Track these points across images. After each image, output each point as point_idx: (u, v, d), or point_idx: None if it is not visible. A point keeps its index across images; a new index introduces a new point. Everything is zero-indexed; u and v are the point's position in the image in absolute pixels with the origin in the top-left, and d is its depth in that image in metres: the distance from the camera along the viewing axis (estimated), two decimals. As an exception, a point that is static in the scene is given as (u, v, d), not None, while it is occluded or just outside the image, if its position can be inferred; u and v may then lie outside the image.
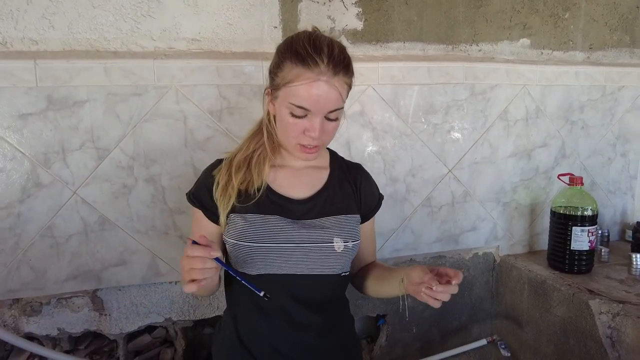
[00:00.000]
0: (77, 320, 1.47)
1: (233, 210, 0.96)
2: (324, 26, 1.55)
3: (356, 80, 1.51)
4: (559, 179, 1.78)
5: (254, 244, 0.93)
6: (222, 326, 1.08)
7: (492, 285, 1.92)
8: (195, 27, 1.42)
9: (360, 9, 1.57)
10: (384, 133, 1.62)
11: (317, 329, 0.99)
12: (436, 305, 0.89)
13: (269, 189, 0.98)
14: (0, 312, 1.40)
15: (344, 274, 1.02)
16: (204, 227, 1.00)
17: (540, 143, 1.85)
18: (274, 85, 0.92)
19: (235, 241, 0.94)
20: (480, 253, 1.88)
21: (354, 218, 1.02)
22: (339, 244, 0.96)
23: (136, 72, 1.36)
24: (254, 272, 0.95)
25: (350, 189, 1.05)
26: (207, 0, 1.41)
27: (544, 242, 1.80)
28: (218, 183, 0.96)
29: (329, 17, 1.55)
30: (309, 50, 0.85)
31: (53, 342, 1.51)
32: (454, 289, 0.88)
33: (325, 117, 0.89)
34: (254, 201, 0.95)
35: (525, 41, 1.80)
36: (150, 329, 1.61)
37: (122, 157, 1.38)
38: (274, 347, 0.98)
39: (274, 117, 0.96)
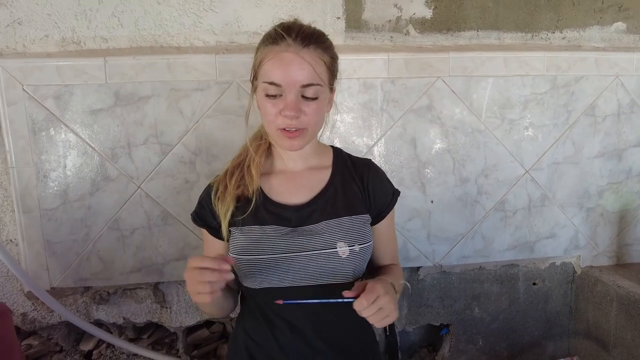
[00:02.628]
0: (140, 310, 1.51)
1: (234, 224, 0.91)
2: (390, 15, 1.45)
3: (424, 72, 1.44)
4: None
5: (251, 257, 0.88)
6: (235, 336, 1.02)
7: (571, 299, 1.73)
8: (257, 20, 1.39)
9: (429, -4, 1.46)
10: (454, 129, 1.50)
11: (331, 346, 0.91)
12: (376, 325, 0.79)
13: (265, 197, 0.92)
14: (73, 299, 1.47)
15: (357, 281, 0.92)
16: (211, 245, 0.96)
17: (635, 142, 1.63)
18: (253, 75, 0.88)
19: (235, 256, 0.90)
20: (558, 263, 1.70)
21: (360, 218, 0.92)
22: (343, 249, 0.88)
23: (198, 68, 1.35)
24: (255, 286, 0.89)
25: (357, 188, 0.95)
26: (269, -8, 1.38)
27: (636, 255, 1.59)
28: (217, 190, 0.92)
29: (395, 5, 1.45)
30: (278, 30, 0.83)
31: (119, 330, 1.57)
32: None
33: (302, 96, 0.83)
34: (250, 211, 0.90)
35: (620, 25, 1.58)
36: (208, 323, 1.62)
37: (184, 152, 1.39)
38: None
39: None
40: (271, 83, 0.82)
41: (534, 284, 1.70)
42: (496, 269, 1.64)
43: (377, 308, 0.77)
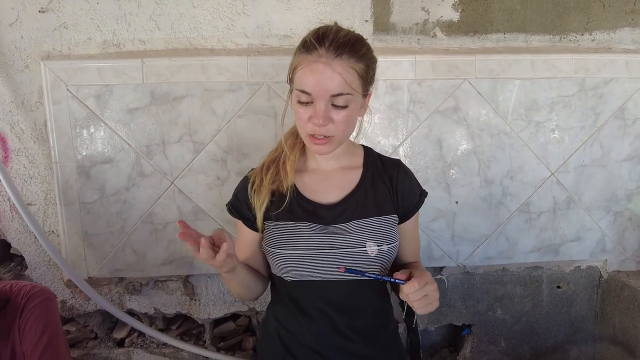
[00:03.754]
0: (170, 302, 1.58)
1: (269, 218, 0.95)
2: (417, 18, 1.48)
3: (450, 73, 1.46)
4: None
5: (285, 251, 0.92)
6: (266, 322, 1.08)
7: (597, 303, 1.71)
8: (287, 24, 1.43)
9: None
10: (480, 131, 1.51)
11: (358, 335, 0.95)
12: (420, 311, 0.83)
13: (299, 195, 0.95)
14: (108, 289, 1.54)
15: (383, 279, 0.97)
16: (245, 236, 1.01)
17: (666, 145, 1.61)
18: (290, 78, 0.91)
19: (269, 248, 0.95)
20: (584, 267, 1.69)
21: (389, 219, 0.96)
22: (372, 248, 0.91)
23: (231, 69, 1.40)
24: (289, 278, 0.94)
25: (386, 188, 0.97)
26: (300, -5, 1.42)
27: (666, 260, 1.57)
28: (253, 182, 0.96)
29: (423, 8, 1.47)
30: (312, 37, 0.85)
31: (150, 320, 1.64)
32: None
33: (332, 104, 0.85)
34: (285, 207, 0.93)
35: (652, 27, 1.56)
36: (234, 317, 1.67)
37: (216, 150, 1.44)
38: (315, 351, 0.95)
39: None
40: (302, 91, 0.85)
41: (558, 287, 1.69)
42: (519, 271, 1.64)
43: (423, 294, 0.81)
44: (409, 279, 0.83)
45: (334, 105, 0.85)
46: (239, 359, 1.61)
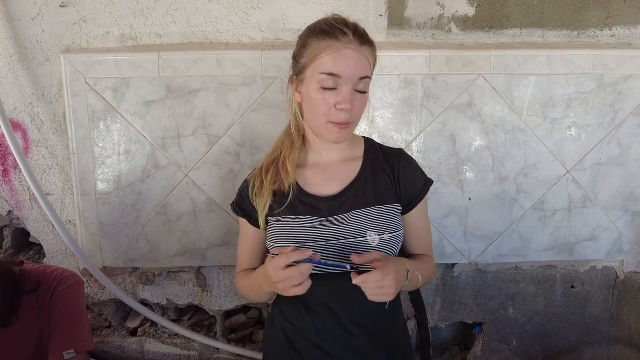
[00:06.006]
0: (183, 293, 1.60)
1: (271, 214, 0.97)
2: (432, 13, 1.47)
3: (465, 69, 1.45)
4: None
5: (288, 245, 0.92)
6: (272, 317, 1.08)
7: (612, 305, 1.68)
8: (302, 18, 1.44)
9: (472, -6, 1.46)
10: (495, 127, 1.49)
11: (362, 331, 0.95)
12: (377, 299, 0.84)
13: (300, 190, 0.97)
14: (122, 278, 1.57)
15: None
16: (249, 234, 1.02)
17: (687, 144, 1.57)
18: (299, 69, 0.92)
19: (272, 244, 0.95)
20: (599, 267, 1.66)
21: (391, 208, 0.95)
22: (373, 237, 0.91)
23: (245, 63, 1.42)
24: None
25: (387, 178, 0.98)
26: (315, -10, 1.42)
27: (685, 261, 1.53)
28: (254, 186, 0.98)
29: (438, 3, 1.46)
30: (335, 25, 0.88)
31: (162, 310, 1.66)
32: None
33: (354, 89, 0.88)
34: (287, 203, 0.95)
35: (675, 23, 1.53)
36: (245, 309, 1.69)
37: (230, 143, 1.46)
38: (319, 347, 0.95)
39: (300, 107, 0.95)
40: (330, 74, 0.86)
41: (573, 287, 1.66)
42: (533, 270, 1.62)
43: (381, 285, 0.82)
44: (368, 262, 0.84)
45: (356, 90, 0.88)
46: (249, 351, 1.63)
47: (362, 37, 0.89)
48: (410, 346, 1.09)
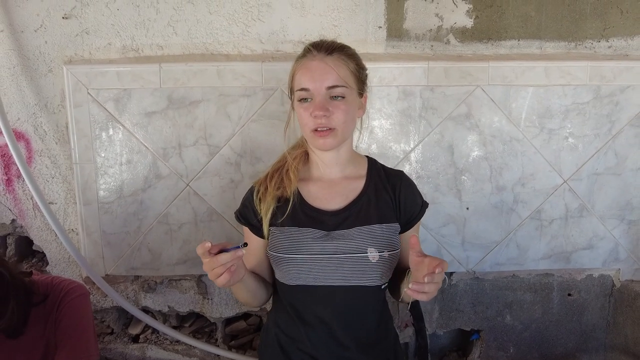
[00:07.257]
0: (184, 300, 1.62)
1: (274, 224, 0.99)
2: (431, 25, 1.48)
3: (463, 80, 1.46)
4: None
5: (288, 256, 0.95)
6: (267, 327, 1.11)
7: (609, 312, 1.70)
8: (301, 30, 1.46)
9: (470, 6, 1.47)
10: (492, 137, 1.51)
11: (358, 343, 0.98)
12: (423, 298, 0.82)
13: (303, 202, 0.99)
14: (124, 286, 1.59)
15: (383, 285, 0.99)
16: (252, 242, 1.04)
17: (683, 154, 1.58)
18: (290, 91, 0.99)
19: (273, 253, 0.98)
20: (596, 275, 1.68)
21: (391, 227, 0.99)
22: (373, 254, 0.94)
23: (246, 75, 1.43)
24: (291, 282, 0.97)
25: (388, 197, 1.01)
26: (314, 2, 1.43)
27: (680, 270, 1.55)
28: (258, 191, 1.01)
29: (437, 15, 1.48)
30: (308, 46, 0.97)
31: (164, 317, 1.68)
32: (439, 277, 0.81)
33: (330, 97, 0.92)
34: (289, 213, 0.97)
35: (671, 34, 1.54)
36: (246, 316, 1.71)
37: (230, 154, 1.48)
38: (313, 358, 0.98)
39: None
40: (301, 89, 0.93)
41: (569, 294, 1.68)
42: (530, 278, 1.64)
43: (436, 280, 0.81)
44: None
45: (332, 98, 0.92)
46: (249, 357, 1.64)
47: (328, 48, 0.93)
48: (401, 353, 1.12)
